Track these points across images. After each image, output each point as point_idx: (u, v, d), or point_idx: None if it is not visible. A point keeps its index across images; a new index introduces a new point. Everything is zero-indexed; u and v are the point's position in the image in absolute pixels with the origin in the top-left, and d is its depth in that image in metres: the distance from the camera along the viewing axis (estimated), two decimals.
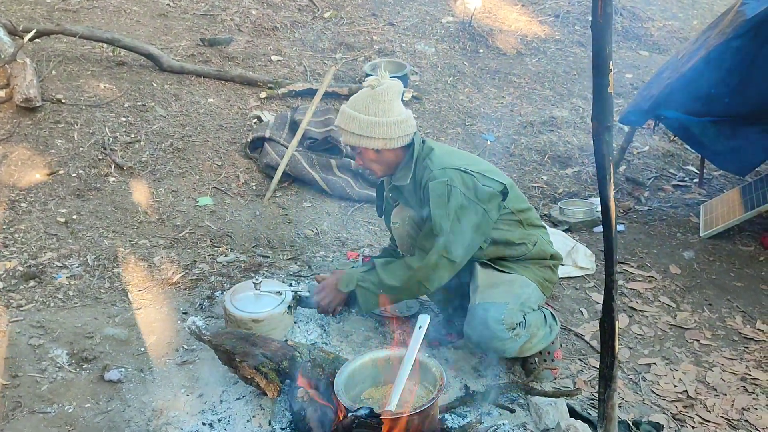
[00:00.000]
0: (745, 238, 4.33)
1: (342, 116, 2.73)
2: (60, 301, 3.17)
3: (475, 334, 2.66)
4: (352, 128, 2.69)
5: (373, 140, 2.69)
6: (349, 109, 2.71)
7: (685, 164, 5.51)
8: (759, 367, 3.09)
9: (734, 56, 3.80)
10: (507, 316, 2.63)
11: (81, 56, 5.46)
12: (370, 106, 2.66)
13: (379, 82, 2.68)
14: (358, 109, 2.69)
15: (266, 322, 2.83)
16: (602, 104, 2.11)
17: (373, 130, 2.66)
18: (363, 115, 2.66)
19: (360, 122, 2.66)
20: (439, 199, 2.62)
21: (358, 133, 2.68)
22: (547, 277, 2.85)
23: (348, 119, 2.70)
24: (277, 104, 5.40)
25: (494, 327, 2.60)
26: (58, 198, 3.93)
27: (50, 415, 2.55)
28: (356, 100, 2.72)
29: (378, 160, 2.77)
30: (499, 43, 7.17)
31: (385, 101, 2.66)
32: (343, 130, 2.74)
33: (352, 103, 2.73)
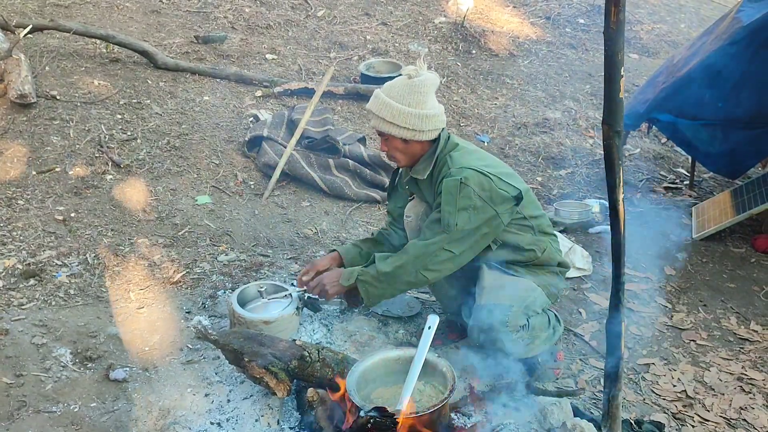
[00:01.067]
0: (736, 240, 4.40)
1: (375, 101, 2.71)
2: (61, 300, 3.16)
3: (478, 335, 2.69)
4: (383, 114, 2.67)
5: (403, 129, 2.68)
6: (384, 95, 2.69)
7: (675, 166, 5.58)
8: (755, 368, 3.15)
9: (729, 62, 3.86)
10: (511, 319, 2.65)
11: (74, 52, 5.41)
12: (405, 96, 2.65)
13: (417, 73, 2.67)
14: (393, 96, 2.67)
15: (276, 323, 2.83)
16: (613, 109, 2.15)
17: (404, 119, 2.65)
18: (397, 103, 2.65)
19: (393, 109, 2.65)
20: (450, 196, 2.63)
21: (390, 120, 2.67)
22: (554, 283, 2.88)
23: (381, 105, 2.68)
24: (273, 103, 5.39)
25: (498, 328, 2.63)
26: (56, 195, 3.90)
27: (56, 415, 2.54)
28: (392, 87, 2.70)
29: (403, 149, 2.77)
30: (492, 45, 7.21)
31: (421, 93, 2.66)
32: (374, 114, 2.72)
33: (387, 89, 2.71)
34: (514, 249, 2.79)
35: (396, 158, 2.82)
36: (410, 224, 2.96)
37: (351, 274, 2.80)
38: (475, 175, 2.64)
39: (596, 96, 6.38)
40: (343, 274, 2.83)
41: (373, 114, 2.73)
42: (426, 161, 2.79)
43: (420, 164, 2.81)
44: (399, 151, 2.78)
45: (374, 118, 2.73)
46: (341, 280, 2.81)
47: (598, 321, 3.39)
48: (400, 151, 2.78)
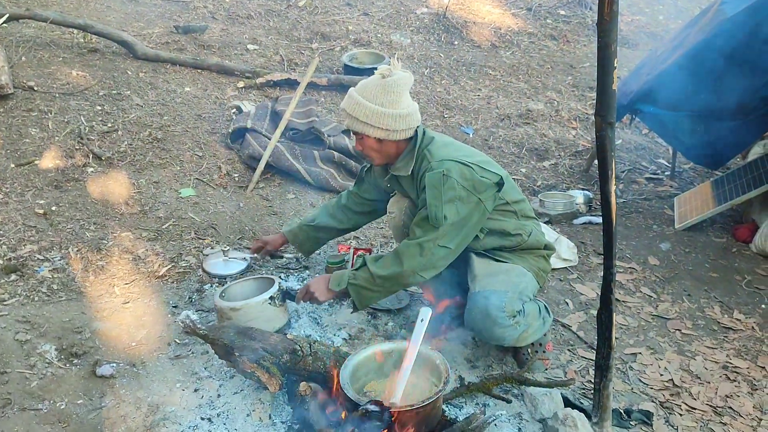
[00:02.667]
0: (717, 230, 4.46)
1: (349, 100, 2.70)
2: (44, 295, 3.10)
3: (476, 322, 2.67)
4: (357, 114, 2.66)
5: (377, 129, 2.67)
6: (357, 95, 2.67)
7: (657, 157, 5.64)
8: (739, 356, 3.19)
9: (712, 54, 3.89)
10: (508, 304, 2.66)
11: (51, 42, 5.31)
12: (378, 95, 2.63)
13: (390, 72, 2.65)
14: (366, 96, 2.65)
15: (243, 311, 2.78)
16: (606, 100, 2.15)
17: (378, 119, 2.64)
18: (370, 103, 2.64)
19: (366, 110, 2.64)
20: (435, 190, 2.63)
21: (363, 120, 2.66)
22: (542, 267, 2.89)
23: (355, 105, 2.67)
24: (255, 94, 5.34)
25: (495, 314, 2.63)
26: (35, 189, 3.83)
27: (42, 412, 2.49)
28: (365, 86, 2.69)
29: (378, 148, 2.76)
30: (474, 36, 7.21)
31: (394, 92, 2.64)
32: (347, 114, 2.70)
33: (361, 89, 2.70)
34: (500, 235, 2.81)
35: (370, 157, 2.82)
36: (394, 220, 2.96)
37: (341, 278, 2.75)
38: (455, 166, 2.64)
39: (578, 87, 6.41)
40: (332, 280, 2.77)
41: (346, 114, 2.71)
42: (406, 158, 2.77)
43: (399, 161, 2.79)
44: (373, 150, 2.77)
45: (348, 118, 2.72)
46: (330, 285, 2.76)
47: (584, 311, 3.42)
48: (375, 150, 2.77)
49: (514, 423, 2.58)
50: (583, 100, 6.17)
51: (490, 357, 2.98)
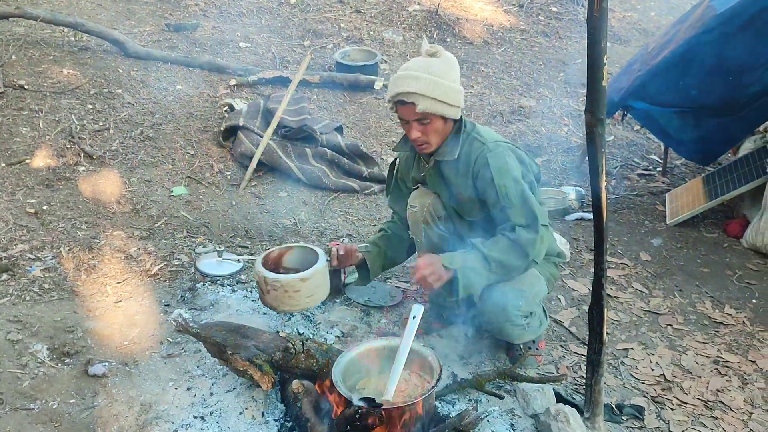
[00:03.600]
0: (708, 225, 4.48)
1: (420, 81, 2.47)
2: (36, 295, 3.08)
3: (490, 314, 2.66)
4: (435, 94, 2.47)
5: (451, 108, 2.54)
6: (427, 74, 2.48)
7: (648, 153, 5.66)
8: (730, 350, 3.21)
9: (702, 50, 3.91)
10: (524, 304, 2.66)
11: (42, 41, 5.28)
12: (448, 72, 2.50)
13: (437, 49, 2.54)
14: (437, 74, 2.49)
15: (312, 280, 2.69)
16: (596, 97, 2.16)
17: (453, 97, 2.51)
18: (444, 81, 2.49)
19: (443, 88, 2.49)
20: (502, 170, 2.54)
21: (441, 99, 2.49)
22: (553, 273, 2.89)
23: (431, 84, 2.47)
24: (247, 92, 5.33)
25: (511, 312, 2.63)
26: (26, 188, 3.81)
27: (34, 412, 2.48)
28: (428, 65, 2.51)
29: (441, 130, 2.60)
30: (466, 33, 7.21)
31: (456, 69, 2.56)
32: (422, 96, 2.47)
33: (423, 68, 2.50)
34: None
35: (430, 142, 2.62)
36: (414, 215, 2.82)
37: (452, 258, 2.58)
38: (512, 150, 2.61)
39: (570, 84, 6.42)
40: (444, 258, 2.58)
41: (419, 96, 2.47)
42: (451, 141, 2.64)
43: (445, 146, 2.65)
44: (437, 133, 2.60)
45: (422, 100, 2.48)
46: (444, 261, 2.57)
47: (576, 307, 3.43)
48: (438, 133, 2.60)
49: (507, 419, 2.59)
50: (575, 96, 6.18)
51: (482, 353, 2.99)
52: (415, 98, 2.48)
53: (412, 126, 2.58)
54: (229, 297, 3.19)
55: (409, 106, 2.52)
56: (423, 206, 2.79)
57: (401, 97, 2.51)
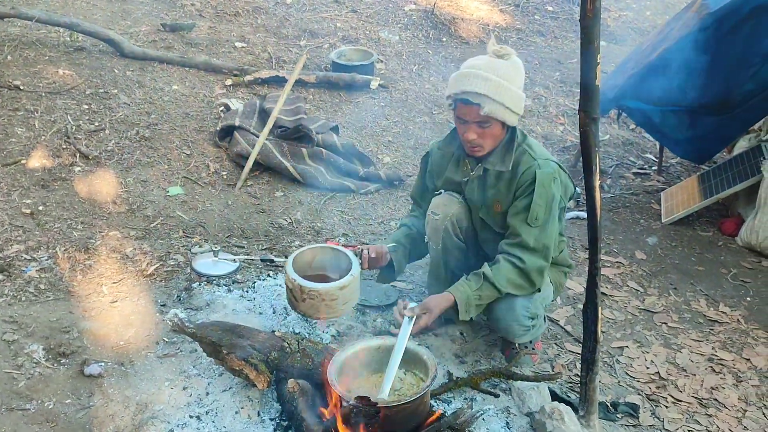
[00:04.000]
0: (703, 224, 4.50)
1: (489, 83, 2.38)
2: (32, 295, 3.08)
3: (498, 311, 2.65)
4: (502, 98, 2.38)
5: (513, 115, 2.46)
6: (496, 77, 2.39)
7: (644, 152, 5.67)
8: (724, 348, 3.23)
9: (697, 48, 3.92)
10: (532, 306, 2.68)
11: (37, 41, 5.28)
12: (515, 78, 2.43)
13: (506, 51, 2.46)
14: (505, 77, 2.40)
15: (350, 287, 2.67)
16: (589, 96, 2.17)
17: (517, 103, 2.45)
18: (512, 85, 2.42)
19: (510, 93, 2.42)
20: (543, 189, 2.52)
21: (507, 104, 2.41)
22: (561, 282, 2.92)
23: (500, 88, 2.38)
24: (244, 92, 5.33)
25: (520, 312, 2.64)
26: (22, 188, 3.81)
27: (30, 412, 2.48)
28: (497, 67, 2.41)
29: (498, 136, 2.53)
30: (462, 32, 7.21)
31: (522, 74, 2.49)
32: (488, 98, 2.39)
33: (492, 69, 2.41)
34: None
35: (483, 146, 2.54)
36: (435, 222, 2.75)
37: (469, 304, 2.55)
38: (559, 170, 2.57)
39: (566, 83, 6.43)
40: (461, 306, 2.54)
41: (486, 98, 2.39)
42: (504, 151, 2.57)
43: (495, 155, 2.58)
44: (493, 138, 2.53)
45: (489, 103, 2.39)
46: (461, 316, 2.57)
47: (572, 306, 3.44)
48: (494, 138, 2.53)
49: (502, 417, 2.60)
50: (570, 95, 6.19)
51: (478, 352, 3.00)
52: (482, 100, 2.40)
53: (471, 127, 2.49)
54: (225, 297, 3.20)
55: (473, 107, 2.43)
56: (446, 216, 2.73)
57: (468, 96, 2.42)
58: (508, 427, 2.56)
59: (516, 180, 2.58)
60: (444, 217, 2.73)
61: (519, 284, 2.58)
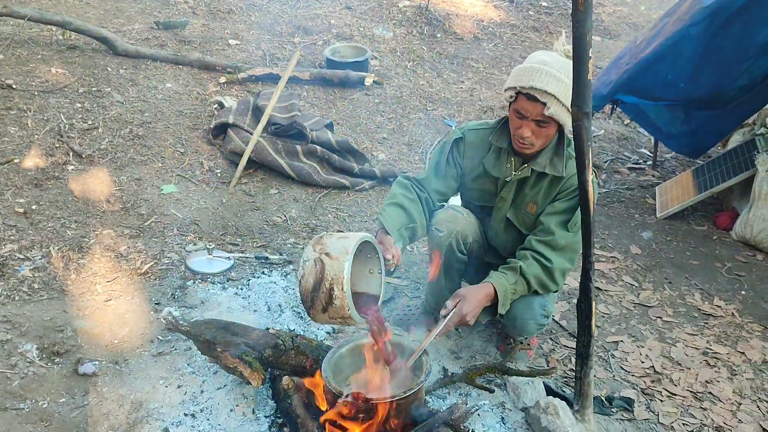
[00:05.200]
0: (698, 218, 4.50)
1: (561, 85, 2.31)
2: (25, 295, 3.07)
3: (516, 313, 2.61)
4: (569, 102, 2.24)
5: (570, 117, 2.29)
6: (566, 79, 2.28)
7: (639, 147, 5.67)
8: (719, 342, 3.23)
9: (690, 43, 3.91)
10: (548, 304, 2.68)
11: (29, 39, 5.26)
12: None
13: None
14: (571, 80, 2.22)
15: None
16: (582, 90, 2.16)
17: None
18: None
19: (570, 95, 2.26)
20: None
21: (569, 108, 2.26)
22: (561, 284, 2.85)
23: (568, 91, 2.22)
24: (237, 89, 5.31)
25: (537, 311, 2.64)
26: (15, 187, 3.79)
27: (24, 412, 2.48)
28: (567, 69, 2.28)
29: (551, 137, 2.47)
30: (456, 28, 7.20)
31: None
32: (555, 99, 2.31)
33: (563, 69, 2.33)
34: None
35: (535, 144, 2.46)
36: (438, 240, 2.66)
37: (506, 298, 2.48)
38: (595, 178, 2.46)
39: None
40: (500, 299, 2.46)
41: (554, 99, 2.32)
42: (550, 153, 2.52)
43: (544, 156, 2.52)
44: (545, 139, 2.46)
45: (555, 104, 2.32)
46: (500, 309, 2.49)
47: (567, 301, 3.44)
48: (547, 140, 2.47)
49: (497, 412, 2.60)
50: None
51: (473, 348, 3.00)
52: (549, 99, 2.32)
53: (528, 124, 2.40)
54: (220, 294, 3.19)
55: (537, 104, 2.34)
56: (451, 233, 2.66)
57: (535, 93, 2.33)
58: (504, 422, 2.56)
59: (561, 184, 2.54)
60: (448, 234, 2.66)
61: (544, 283, 2.55)
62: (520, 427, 2.53)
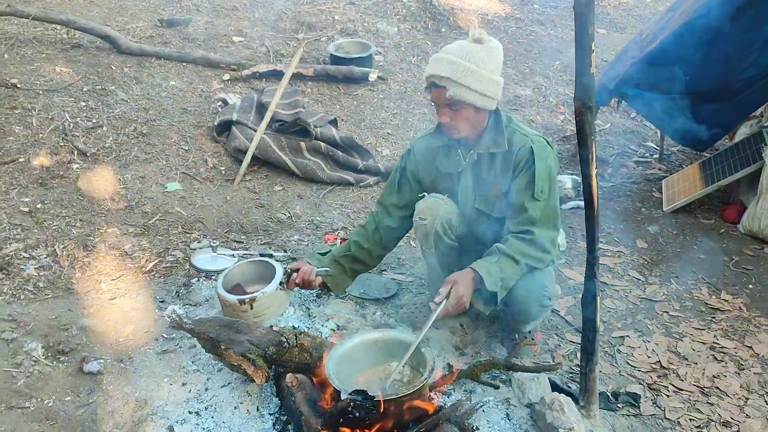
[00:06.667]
0: (705, 211, 4.46)
1: (452, 66, 2.42)
2: (30, 293, 3.08)
3: (519, 295, 2.61)
4: (467, 81, 2.41)
5: (484, 98, 2.47)
6: (463, 61, 2.42)
7: (645, 141, 5.63)
8: (726, 336, 3.21)
9: (696, 35, 3.87)
10: (549, 287, 2.66)
11: (34, 39, 5.27)
12: (486, 61, 2.42)
13: (482, 36, 2.47)
14: (473, 61, 2.42)
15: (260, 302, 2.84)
16: (585, 84, 2.14)
17: (487, 87, 2.44)
18: (481, 69, 2.42)
19: (478, 77, 2.42)
20: (543, 162, 2.53)
21: (473, 88, 2.42)
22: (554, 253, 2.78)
23: (464, 71, 2.40)
24: (241, 86, 5.31)
25: (539, 292, 2.62)
26: (20, 187, 3.80)
27: (29, 410, 2.49)
28: (467, 52, 2.43)
29: (473, 119, 2.54)
30: (461, 22, 7.17)
31: (498, 59, 2.49)
32: (452, 81, 2.42)
33: (461, 53, 2.44)
34: None
35: (459, 129, 2.56)
36: (425, 228, 2.72)
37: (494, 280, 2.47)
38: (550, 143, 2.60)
39: (566, 72, 6.39)
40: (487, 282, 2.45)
41: (451, 81, 2.42)
42: (491, 133, 2.60)
43: (485, 138, 2.60)
44: (467, 122, 2.54)
45: (453, 86, 2.43)
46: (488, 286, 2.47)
47: (573, 296, 3.42)
48: (469, 122, 2.55)
49: (502, 408, 2.59)
50: (570, 84, 6.15)
51: (478, 344, 2.98)
52: (446, 83, 2.44)
53: (443, 110, 2.53)
54: None
55: (440, 90, 2.48)
56: (435, 218, 2.69)
57: (433, 79, 2.48)
58: (509, 419, 2.55)
59: (513, 158, 2.59)
60: (433, 220, 2.70)
61: (532, 255, 2.54)
62: (525, 423, 2.52)
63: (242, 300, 2.83)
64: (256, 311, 2.85)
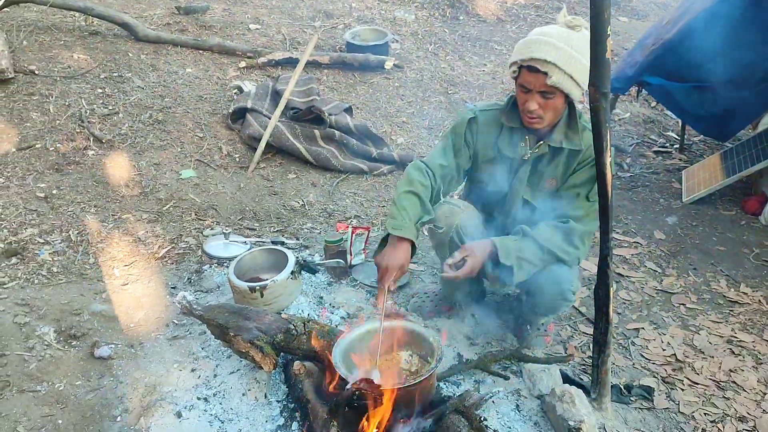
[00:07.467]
0: (726, 202, 4.38)
1: (560, 52, 2.28)
2: (44, 278, 3.10)
3: (545, 288, 2.56)
4: (571, 69, 2.27)
5: (579, 89, 2.33)
6: (567, 47, 2.29)
7: (666, 130, 5.54)
8: (744, 330, 3.14)
9: (717, 22, 3.79)
10: (574, 282, 2.60)
11: (52, 26, 5.29)
12: (585, 51, 2.19)
13: (579, 22, 2.33)
14: (577, 49, 2.28)
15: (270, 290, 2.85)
16: (600, 70, 2.09)
17: (585, 78, 2.26)
18: (582, 58, 2.27)
19: (580, 66, 2.28)
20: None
21: (575, 77, 2.29)
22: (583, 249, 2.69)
23: (569, 58, 2.27)
24: (257, 74, 5.30)
25: (565, 287, 2.56)
26: (36, 172, 3.83)
27: (40, 394, 2.50)
28: (569, 38, 2.30)
29: (559, 110, 2.42)
30: (479, 10, 7.09)
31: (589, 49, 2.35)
32: (556, 67, 2.28)
33: (564, 39, 2.30)
34: None
35: (544, 118, 2.42)
36: (440, 237, 2.66)
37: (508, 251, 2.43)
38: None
39: None
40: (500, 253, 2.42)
41: (555, 68, 2.28)
42: (562, 128, 2.49)
43: (558, 132, 2.49)
44: (554, 112, 2.41)
45: (557, 73, 2.28)
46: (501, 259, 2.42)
47: (587, 287, 3.37)
48: (556, 112, 2.42)
49: (512, 399, 2.56)
50: None
51: (489, 334, 2.95)
52: (550, 68, 2.29)
53: (534, 96, 2.37)
54: None
55: (539, 75, 2.32)
56: (450, 227, 2.63)
57: (535, 63, 2.30)
58: (519, 410, 2.52)
59: (580, 155, 2.49)
60: (448, 229, 2.64)
61: (558, 245, 2.46)
62: (535, 415, 2.49)
63: (253, 287, 2.83)
64: (266, 299, 2.84)
